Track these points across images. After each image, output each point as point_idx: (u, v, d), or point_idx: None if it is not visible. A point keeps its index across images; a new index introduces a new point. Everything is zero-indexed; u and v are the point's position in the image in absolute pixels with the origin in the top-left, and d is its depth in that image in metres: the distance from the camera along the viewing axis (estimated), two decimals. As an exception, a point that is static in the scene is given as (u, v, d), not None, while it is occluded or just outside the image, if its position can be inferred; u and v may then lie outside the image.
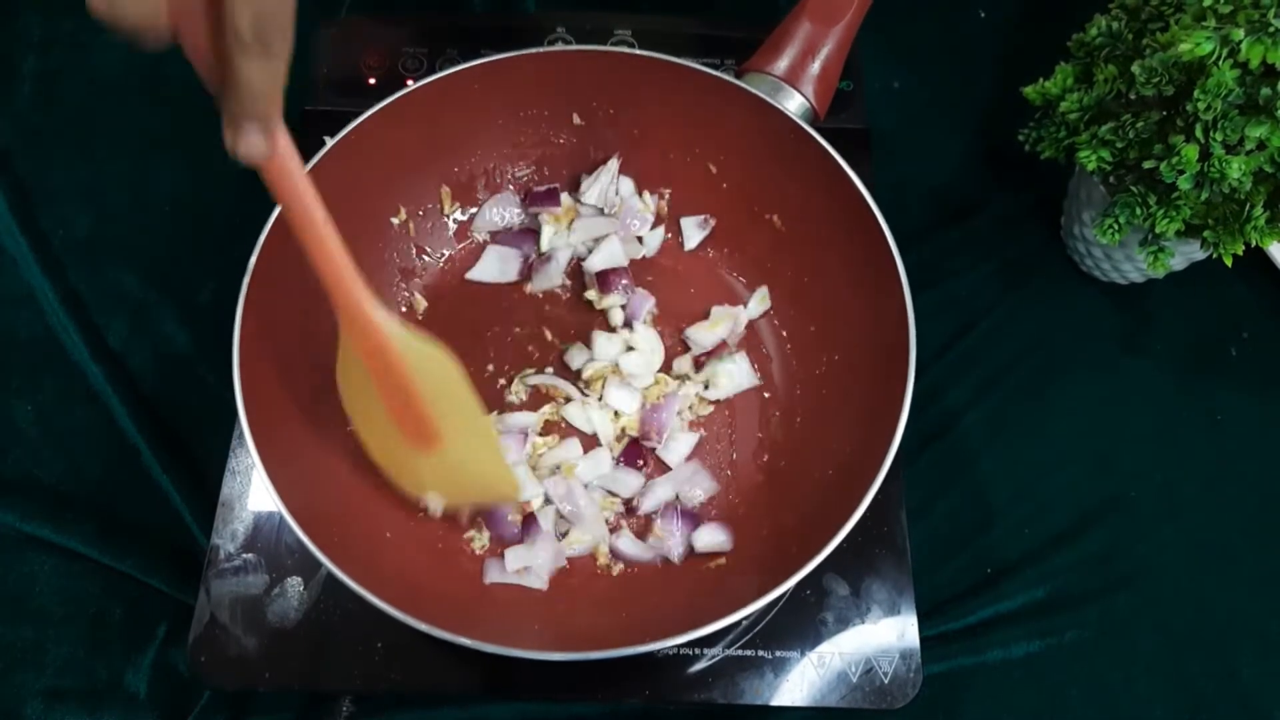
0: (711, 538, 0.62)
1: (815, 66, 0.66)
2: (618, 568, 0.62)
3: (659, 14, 0.83)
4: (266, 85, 0.37)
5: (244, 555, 0.61)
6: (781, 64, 0.66)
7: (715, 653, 0.60)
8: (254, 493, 0.63)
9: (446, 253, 0.72)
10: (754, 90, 0.63)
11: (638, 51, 0.65)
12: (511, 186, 0.73)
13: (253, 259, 0.56)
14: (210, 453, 0.65)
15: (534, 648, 0.50)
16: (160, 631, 0.63)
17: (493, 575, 0.61)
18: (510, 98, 0.67)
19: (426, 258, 0.71)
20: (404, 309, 0.70)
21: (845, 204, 0.61)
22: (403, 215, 0.69)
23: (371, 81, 0.77)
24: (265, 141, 0.41)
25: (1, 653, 0.62)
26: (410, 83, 0.63)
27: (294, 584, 0.61)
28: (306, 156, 0.60)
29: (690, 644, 0.59)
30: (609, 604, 0.61)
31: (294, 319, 0.60)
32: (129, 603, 0.64)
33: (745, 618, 0.54)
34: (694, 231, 0.72)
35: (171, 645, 0.63)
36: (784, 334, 0.70)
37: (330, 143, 0.60)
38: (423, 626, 0.49)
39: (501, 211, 0.72)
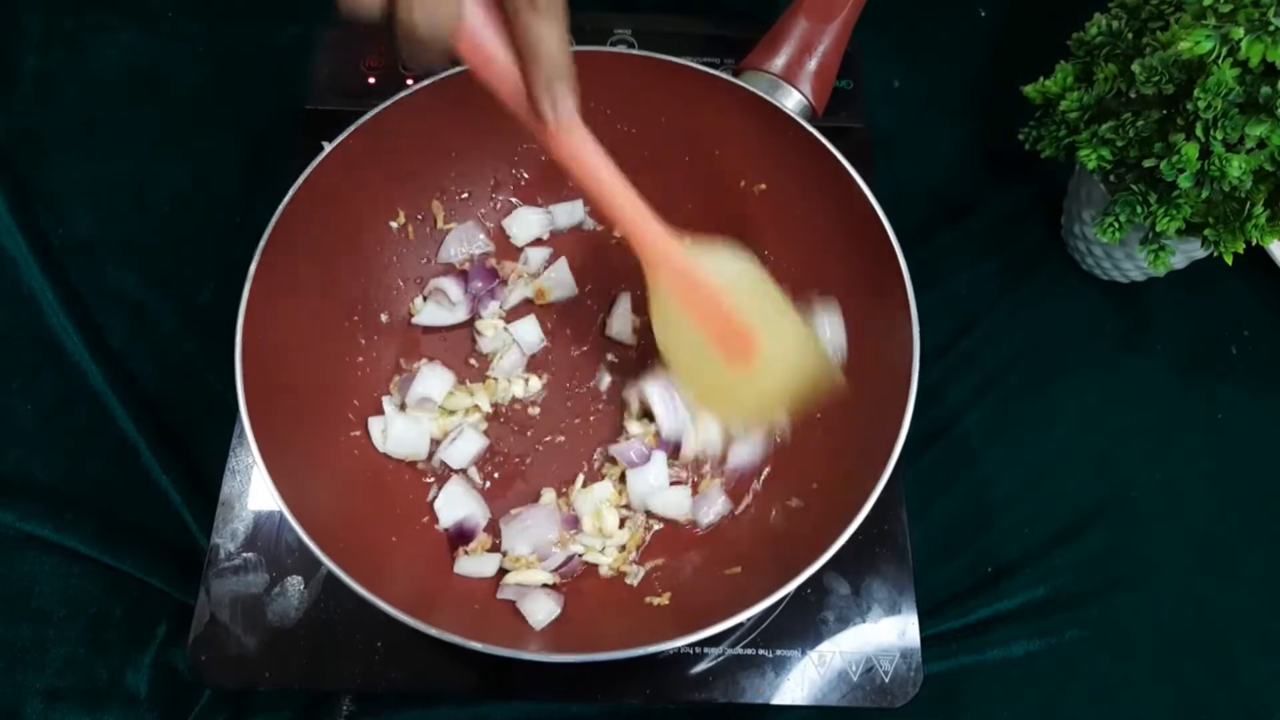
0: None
1: (812, 63, 0.66)
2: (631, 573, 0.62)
3: (659, 14, 0.83)
4: (561, 44, 0.43)
5: (244, 555, 0.61)
6: (779, 61, 0.66)
7: (717, 652, 0.60)
8: (254, 492, 0.63)
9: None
10: (752, 88, 0.63)
11: (635, 51, 0.65)
12: (514, 196, 0.73)
13: (256, 257, 0.56)
14: (210, 453, 0.65)
15: (536, 649, 0.50)
16: (160, 631, 0.63)
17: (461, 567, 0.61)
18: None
19: (427, 261, 0.71)
20: (407, 311, 0.70)
21: (846, 201, 0.61)
22: (401, 219, 0.68)
23: (371, 81, 0.77)
24: (570, 100, 0.46)
25: (1, 652, 0.62)
26: (410, 83, 0.63)
27: (294, 583, 0.61)
28: (306, 159, 0.60)
29: (693, 644, 0.59)
30: (611, 605, 0.61)
31: (296, 317, 0.60)
32: (129, 603, 0.64)
33: (749, 619, 0.54)
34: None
35: (171, 645, 0.63)
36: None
37: (329, 147, 0.60)
38: (422, 627, 0.49)
39: (464, 244, 0.71)
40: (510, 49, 0.44)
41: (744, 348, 0.56)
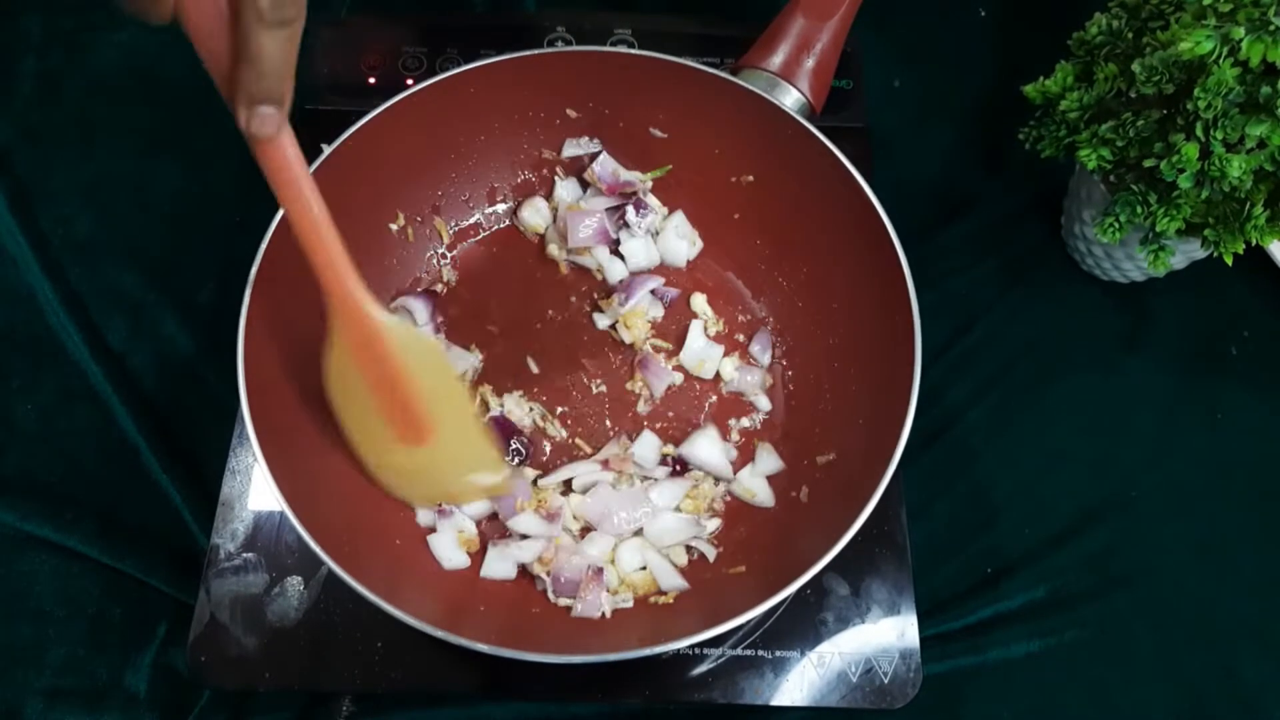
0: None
1: (810, 61, 0.66)
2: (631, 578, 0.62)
3: (659, 13, 0.83)
4: (282, 58, 0.38)
5: (244, 555, 0.61)
6: (776, 60, 0.66)
7: (717, 653, 0.60)
8: (254, 492, 0.63)
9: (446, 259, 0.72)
10: (750, 87, 0.63)
11: (632, 51, 0.65)
12: (515, 197, 0.73)
13: (258, 257, 0.56)
14: (210, 453, 0.65)
15: (537, 650, 0.50)
16: (160, 631, 0.63)
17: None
18: (507, 100, 0.67)
19: (428, 264, 0.71)
20: (407, 311, 0.70)
21: (846, 200, 0.61)
22: (401, 221, 0.68)
23: (371, 81, 0.77)
24: (278, 119, 0.41)
25: (1, 652, 0.62)
26: (410, 83, 0.63)
27: (294, 583, 0.61)
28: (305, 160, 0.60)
29: (694, 645, 0.59)
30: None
31: (297, 317, 0.60)
32: (129, 603, 0.64)
33: (751, 620, 0.54)
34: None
35: (171, 645, 0.63)
36: (785, 335, 0.70)
37: (327, 150, 0.60)
38: (423, 626, 0.49)
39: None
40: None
41: (413, 428, 0.55)
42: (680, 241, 0.71)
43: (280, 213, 0.58)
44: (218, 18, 0.37)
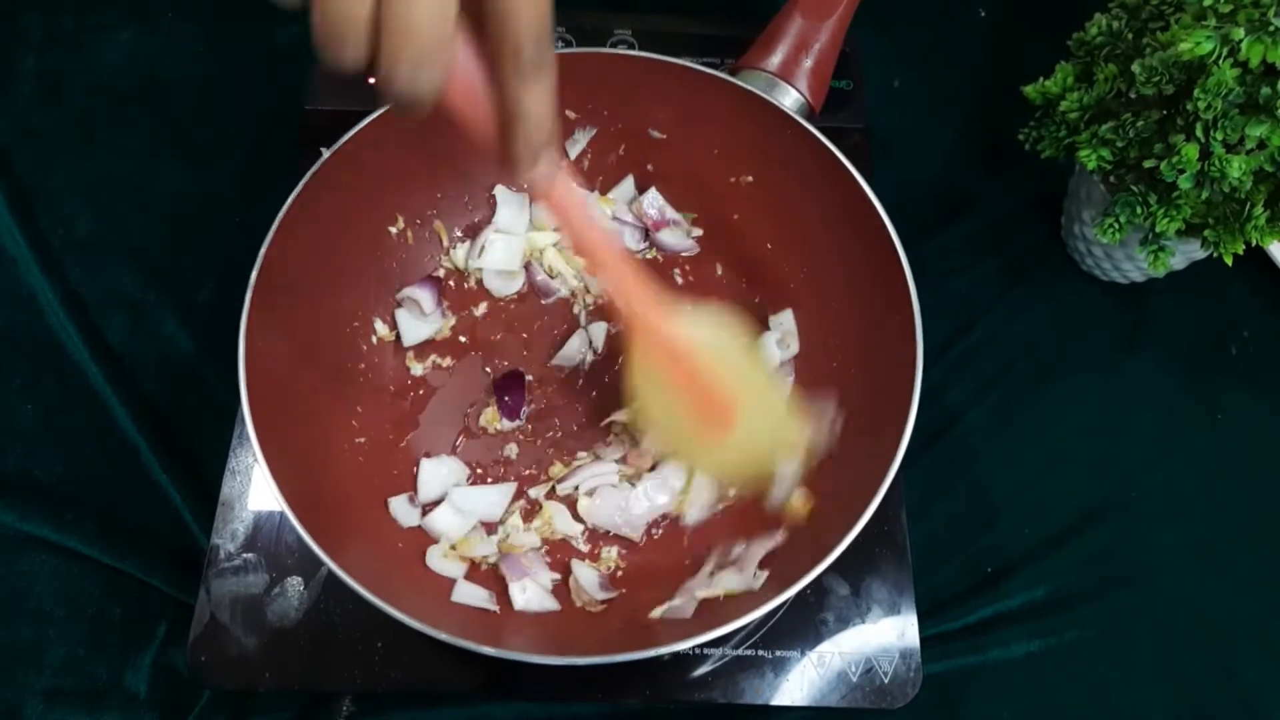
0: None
1: (809, 61, 0.66)
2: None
3: (659, 14, 0.83)
4: (547, 108, 0.39)
5: (244, 555, 0.61)
6: (775, 60, 0.66)
7: (718, 653, 0.60)
8: (254, 492, 0.63)
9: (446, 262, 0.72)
10: (749, 87, 0.63)
11: (630, 52, 0.65)
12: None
13: (259, 258, 0.56)
14: (210, 453, 0.65)
15: (538, 651, 0.50)
16: (160, 631, 0.63)
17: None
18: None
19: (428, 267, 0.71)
20: (414, 302, 0.69)
21: (847, 200, 0.61)
22: (400, 224, 0.68)
23: (371, 81, 0.77)
24: (556, 162, 0.43)
25: (1, 652, 0.62)
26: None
27: (294, 584, 0.61)
28: (306, 160, 0.60)
29: (695, 645, 0.59)
30: (612, 607, 0.61)
31: (298, 316, 0.60)
32: (129, 603, 0.64)
33: (751, 621, 0.54)
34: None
35: (171, 645, 0.62)
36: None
37: (326, 153, 0.60)
38: (422, 627, 0.49)
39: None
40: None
41: (721, 417, 0.55)
42: None
43: (281, 213, 0.58)
44: (477, 90, 0.39)
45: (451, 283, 0.71)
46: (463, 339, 0.70)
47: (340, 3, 0.32)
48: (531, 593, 0.60)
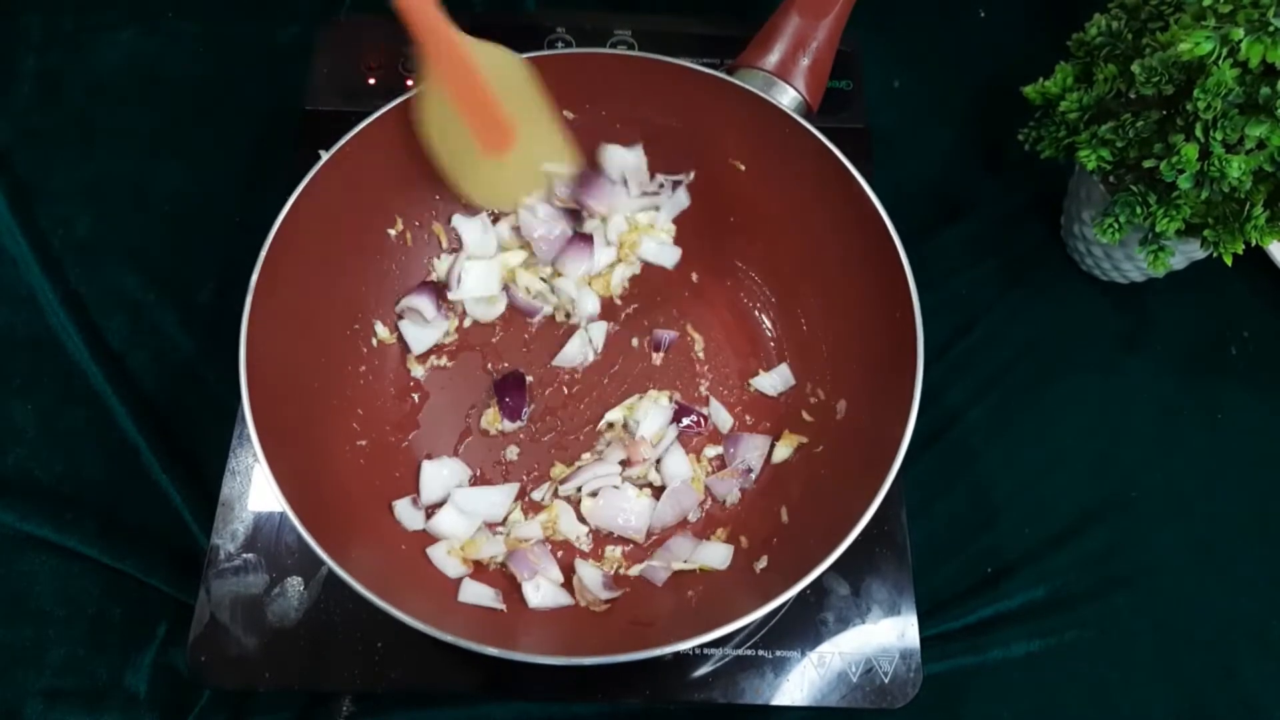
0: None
1: (806, 60, 0.66)
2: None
3: (659, 14, 0.83)
4: None
5: (244, 555, 0.61)
6: (772, 59, 0.66)
7: (718, 654, 0.60)
8: (254, 492, 0.63)
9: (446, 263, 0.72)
10: (748, 86, 0.63)
11: (629, 53, 0.66)
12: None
13: (260, 258, 0.56)
14: (210, 453, 0.65)
15: (538, 651, 0.50)
16: (160, 631, 0.63)
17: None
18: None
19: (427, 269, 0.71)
20: (415, 310, 0.69)
21: (845, 199, 0.61)
22: (399, 226, 0.68)
23: (371, 82, 0.77)
24: None
25: (1, 653, 0.62)
26: (410, 84, 0.63)
27: (294, 584, 0.61)
28: (306, 160, 0.60)
29: (695, 646, 0.59)
30: (615, 607, 0.61)
31: (297, 329, 0.60)
32: (129, 603, 0.64)
33: (752, 622, 0.54)
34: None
35: (171, 645, 0.62)
36: (784, 336, 0.70)
37: (326, 155, 0.60)
38: (422, 626, 0.49)
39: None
40: None
41: (502, 137, 0.63)
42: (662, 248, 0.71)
43: (281, 213, 0.58)
44: None
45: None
46: (463, 340, 0.70)
47: None
48: (545, 590, 0.60)
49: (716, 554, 0.62)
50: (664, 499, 0.63)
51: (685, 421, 0.66)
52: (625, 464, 0.64)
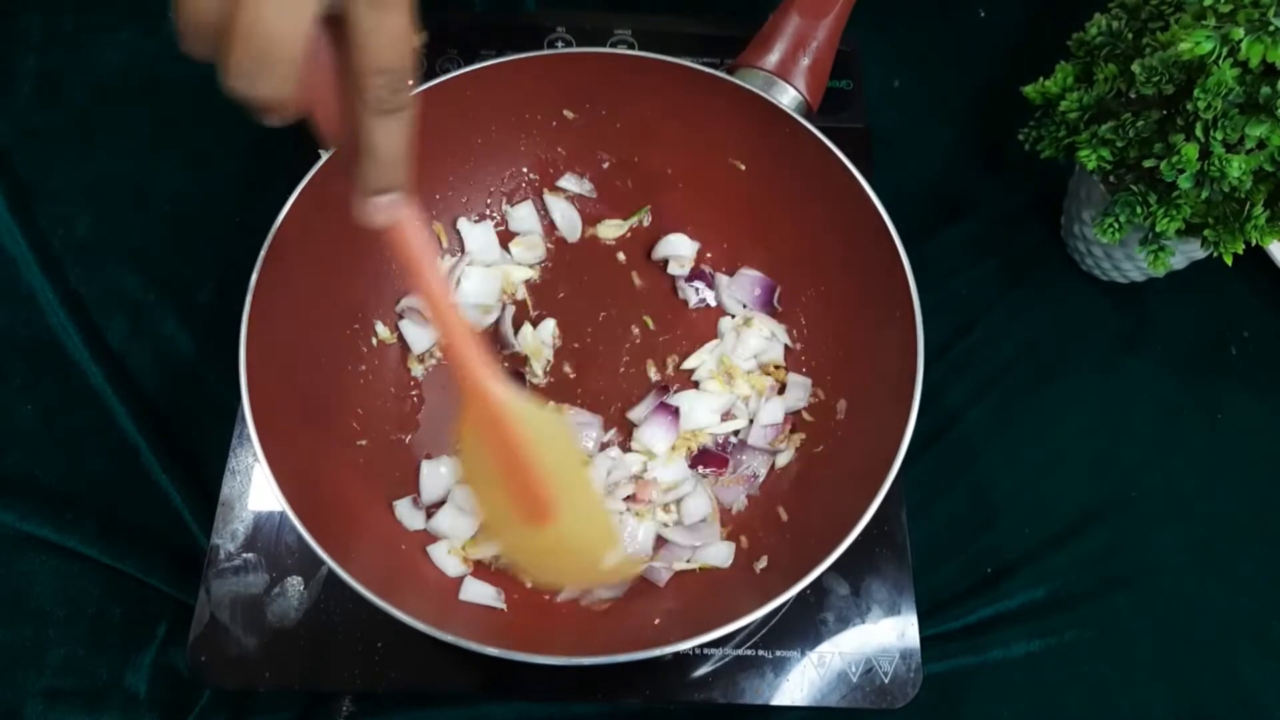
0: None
1: (806, 60, 0.66)
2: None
3: (659, 14, 0.83)
4: (395, 147, 0.38)
5: (244, 555, 0.61)
6: (772, 58, 0.66)
7: (718, 654, 0.60)
8: (254, 492, 0.63)
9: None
10: (748, 86, 0.63)
11: (630, 52, 0.65)
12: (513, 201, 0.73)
13: (260, 258, 0.56)
14: (210, 453, 0.65)
15: (538, 650, 0.50)
16: (160, 631, 0.63)
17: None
18: (506, 102, 0.67)
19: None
20: (415, 310, 0.69)
21: (846, 198, 0.61)
22: (400, 225, 0.68)
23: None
24: (395, 207, 0.42)
25: (1, 653, 0.62)
26: (410, 83, 0.63)
27: (294, 584, 0.61)
28: (306, 159, 0.60)
29: (695, 646, 0.59)
30: (616, 607, 0.61)
31: (298, 316, 0.60)
32: (129, 603, 0.64)
33: (752, 622, 0.54)
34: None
35: (171, 645, 0.62)
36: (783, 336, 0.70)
37: (325, 156, 0.60)
38: (422, 627, 0.49)
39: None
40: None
41: (539, 510, 0.54)
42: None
43: (281, 213, 0.58)
44: (339, 111, 0.38)
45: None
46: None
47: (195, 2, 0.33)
48: None
49: (719, 553, 0.62)
50: (680, 534, 0.63)
51: (704, 471, 0.65)
52: (631, 499, 0.64)
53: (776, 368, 0.68)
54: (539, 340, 0.69)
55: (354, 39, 0.35)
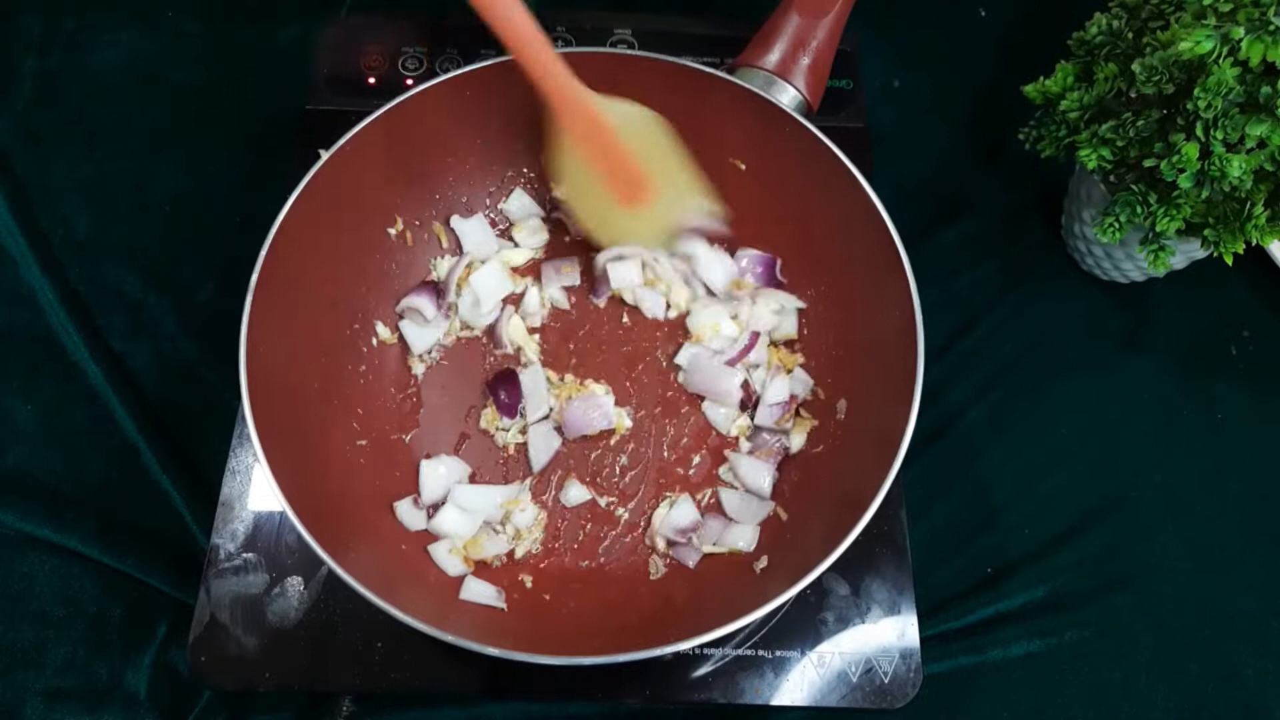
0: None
1: (806, 59, 0.67)
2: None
3: (659, 14, 0.83)
4: None
5: (244, 555, 0.61)
6: (772, 58, 0.67)
7: (719, 653, 0.60)
8: (254, 492, 0.63)
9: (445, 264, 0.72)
10: (748, 85, 0.63)
11: (628, 52, 0.66)
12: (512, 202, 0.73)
13: (260, 257, 0.56)
14: (210, 453, 0.65)
15: (538, 651, 0.50)
16: (160, 631, 0.63)
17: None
18: (506, 102, 0.67)
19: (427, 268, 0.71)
20: (416, 311, 0.69)
21: (846, 198, 0.61)
22: (399, 226, 0.68)
23: (371, 81, 0.77)
24: None
25: (1, 653, 0.62)
26: (410, 83, 0.63)
27: (294, 584, 0.61)
28: (306, 160, 0.60)
29: (695, 646, 0.59)
30: (616, 607, 0.61)
31: (297, 329, 0.60)
32: (129, 603, 0.64)
33: (752, 622, 0.54)
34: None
35: (171, 645, 0.63)
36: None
37: (325, 155, 0.60)
38: (423, 627, 0.49)
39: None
40: None
41: (637, 189, 0.64)
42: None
43: (281, 213, 0.58)
44: None
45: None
46: (464, 340, 0.70)
47: None
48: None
49: (744, 535, 0.62)
50: (733, 500, 0.64)
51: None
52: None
53: (789, 344, 0.68)
54: (526, 311, 0.70)
55: None
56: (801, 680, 0.59)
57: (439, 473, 0.64)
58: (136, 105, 0.81)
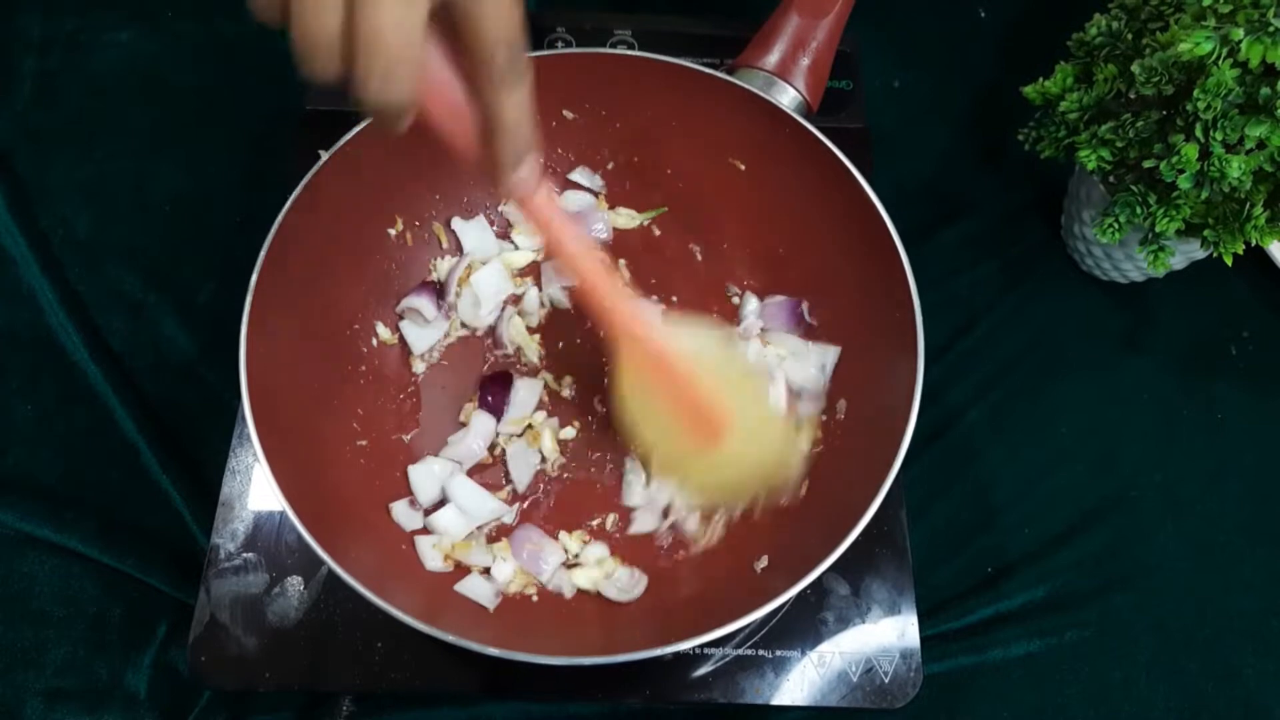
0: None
1: (806, 60, 0.67)
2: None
3: (659, 14, 0.83)
4: (525, 114, 0.40)
5: (244, 555, 0.61)
6: (772, 58, 0.67)
7: (719, 653, 0.60)
8: (254, 492, 0.63)
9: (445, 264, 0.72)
10: (748, 86, 0.63)
11: (628, 52, 0.65)
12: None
13: (260, 257, 0.56)
14: (210, 453, 0.65)
15: (538, 651, 0.50)
16: (160, 631, 0.63)
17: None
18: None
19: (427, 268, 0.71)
20: (416, 311, 0.69)
21: (845, 198, 0.61)
22: (399, 226, 0.68)
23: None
24: (534, 173, 0.44)
25: (1, 653, 0.62)
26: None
27: (294, 584, 0.61)
28: (306, 160, 0.60)
29: (695, 646, 0.59)
30: (615, 607, 0.61)
31: (297, 328, 0.60)
32: (129, 603, 0.64)
33: (752, 622, 0.54)
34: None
35: (171, 645, 0.63)
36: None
37: (325, 155, 0.60)
38: (423, 626, 0.49)
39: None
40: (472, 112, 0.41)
41: (713, 431, 0.54)
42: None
43: (281, 213, 0.58)
44: (457, 101, 0.40)
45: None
46: (464, 340, 0.70)
47: (312, 18, 0.35)
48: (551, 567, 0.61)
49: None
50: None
51: None
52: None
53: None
54: (525, 310, 0.70)
55: (470, 19, 0.36)
56: (802, 680, 0.59)
57: (432, 472, 0.64)
58: (136, 105, 0.81)
